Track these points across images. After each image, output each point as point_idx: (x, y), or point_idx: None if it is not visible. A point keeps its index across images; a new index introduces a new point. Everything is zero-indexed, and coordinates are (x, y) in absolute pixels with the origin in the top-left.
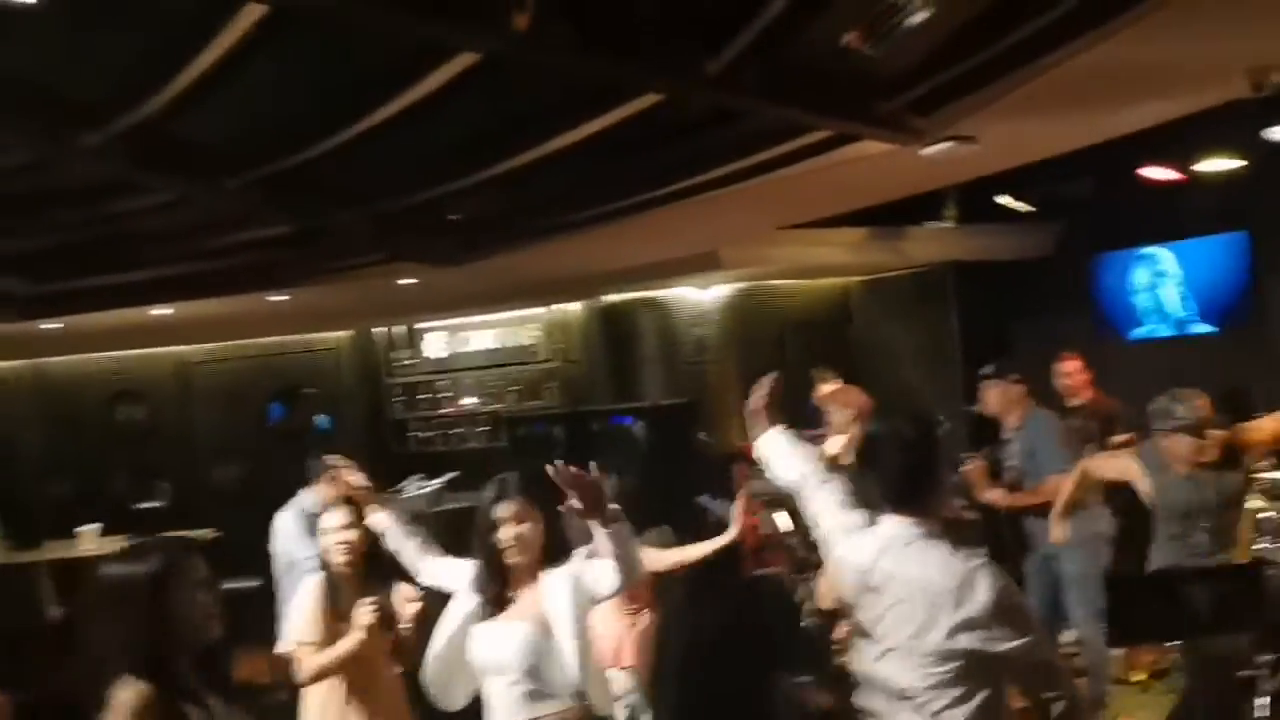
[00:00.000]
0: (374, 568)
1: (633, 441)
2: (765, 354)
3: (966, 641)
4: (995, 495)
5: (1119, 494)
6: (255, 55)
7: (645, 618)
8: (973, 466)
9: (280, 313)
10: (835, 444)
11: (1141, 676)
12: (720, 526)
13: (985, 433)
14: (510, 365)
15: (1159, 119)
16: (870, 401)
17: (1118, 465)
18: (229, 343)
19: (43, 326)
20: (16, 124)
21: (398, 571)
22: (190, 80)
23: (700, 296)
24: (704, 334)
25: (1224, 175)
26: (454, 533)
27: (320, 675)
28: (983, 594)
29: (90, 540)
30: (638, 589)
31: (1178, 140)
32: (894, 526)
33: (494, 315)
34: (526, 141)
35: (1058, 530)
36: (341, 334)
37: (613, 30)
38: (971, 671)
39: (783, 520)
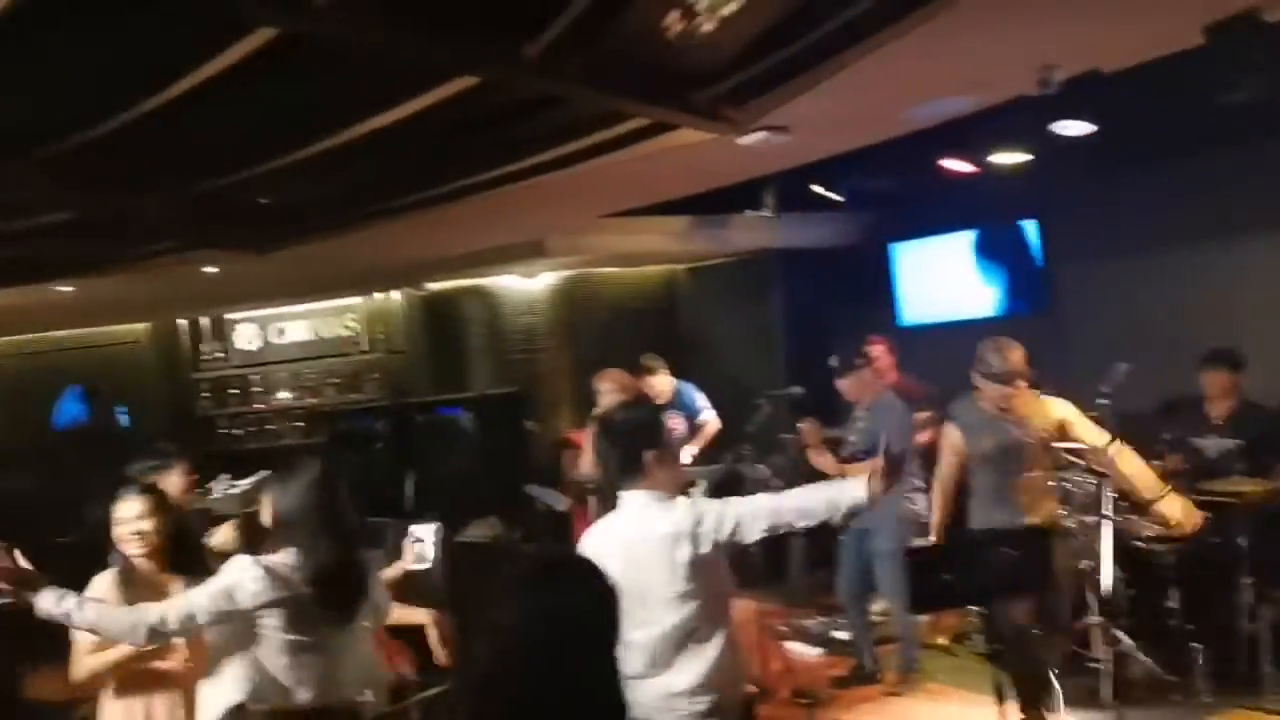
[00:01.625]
0: (178, 561)
1: (460, 433)
2: (594, 342)
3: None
4: (825, 461)
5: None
6: (35, 26)
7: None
8: (807, 426)
9: (68, 305)
10: None
11: (945, 640)
12: (550, 515)
13: (806, 415)
14: (328, 357)
15: (956, 113)
16: (635, 383)
17: (950, 440)
18: (10, 338)
19: None
20: None
21: (203, 564)
22: None
23: (527, 285)
24: (531, 323)
25: (1016, 167)
26: (261, 532)
27: (96, 679)
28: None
29: None
30: None
31: (974, 134)
32: (633, 499)
33: (310, 305)
34: (339, 124)
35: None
36: (141, 326)
37: (427, 9)
38: (697, 616)
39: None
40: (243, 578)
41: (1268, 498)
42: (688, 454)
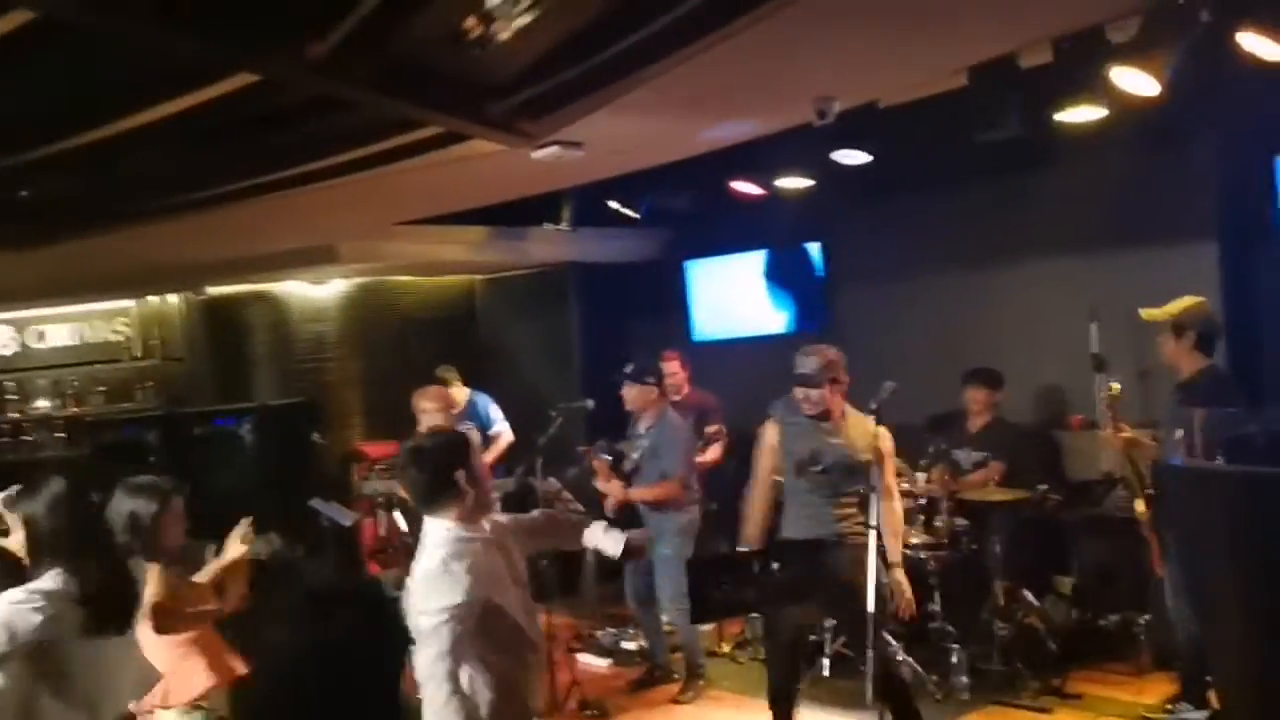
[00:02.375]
0: None
1: (240, 445)
2: (387, 352)
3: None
4: (614, 487)
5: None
6: None
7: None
8: (598, 462)
9: None
10: None
11: (728, 648)
12: (333, 530)
13: (598, 427)
14: (95, 363)
15: (742, 137)
16: (450, 398)
17: (767, 437)
18: None
19: None
20: None
21: None
22: None
23: (317, 291)
24: (321, 331)
25: (801, 191)
26: None
27: None
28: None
29: None
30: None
31: (763, 158)
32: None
33: (75, 307)
34: (111, 114)
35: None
36: None
37: (205, 2)
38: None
39: (400, 520)
40: (19, 610)
41: (1018, 505)
42: None
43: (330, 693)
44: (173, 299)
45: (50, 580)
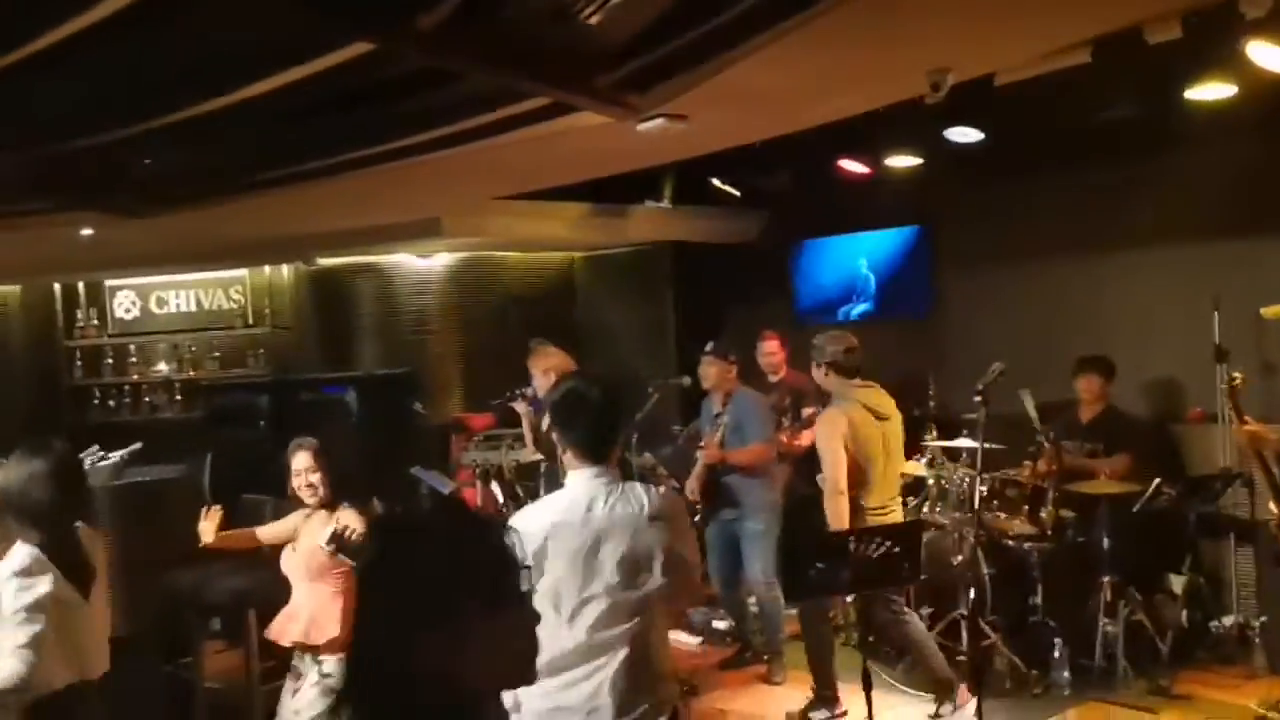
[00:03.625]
0: None
1: (345, 412)
2: (487, 325)
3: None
4: (709, 453)
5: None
6: None
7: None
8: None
9: None
10: None
11: None
12: (433, 497)
13: (694, 404)
14: (211, 330)
15: (848, 112)
16: (570, 364)
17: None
18: None
19: None
20: None
21: None
22: None
23: (421, 264)
24: (424, 303)
25: (908, 171)
26: (131, 508)
27: None
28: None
29: None
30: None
31: (871, 136)
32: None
33: (193, 275)
34: (224, 86)
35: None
36: (10, 288)
37: None
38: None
39: (497, 490)
40: (36, 583)
41: (1129, 499)
42: None
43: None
44: (284, 269)
45: (28, 551)
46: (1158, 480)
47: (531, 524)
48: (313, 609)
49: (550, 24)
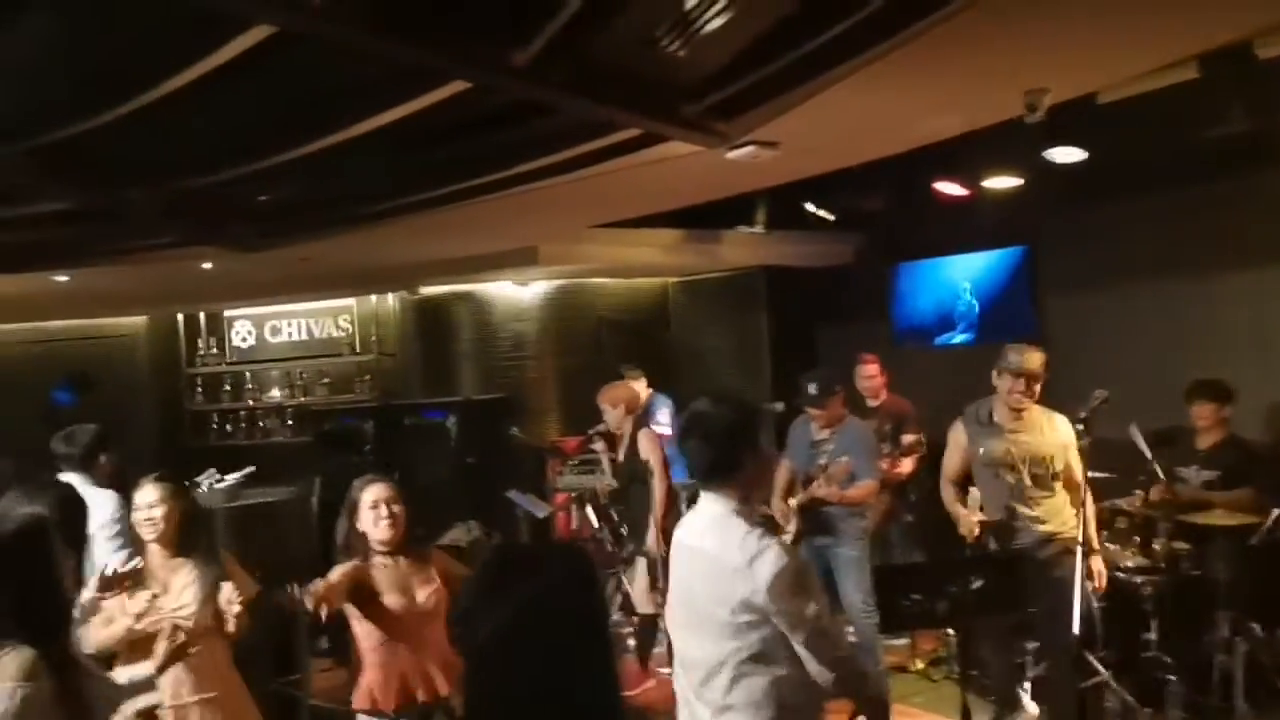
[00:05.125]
0: (187, 543)
1: (444, 436)
2: (582, 351)
3: (750, 615)
4: (820, 490)
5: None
6: (30, 13)
7: None
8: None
9: (66, 294)
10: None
11: (921, 664)
12: (529, 521)
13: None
14: (321, 357)
15: (945, 134)
16: (637, 396)
17: (954, 440)
18: (9, 326)
19: None
20: None
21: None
22: None
23: (519, 292)
24: (521, 330)
25: (1008, 192)
26: (246, 528)
27: (101, 649)
28: (765, 571)
29: None
30: None
31: (968, 157)
32: (709, 503)
33: (305, 305)
34: (333, 124)
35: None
36: (138, 319)
37: (418, 12)
38: (761, 646)
39: (592, 515)
40: None
41: (1247, 530)
42: None
43: (538, 654)
44: (389, 298)
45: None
46: (1278, 511)
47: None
48: (441, 656)
49: (638, 55)
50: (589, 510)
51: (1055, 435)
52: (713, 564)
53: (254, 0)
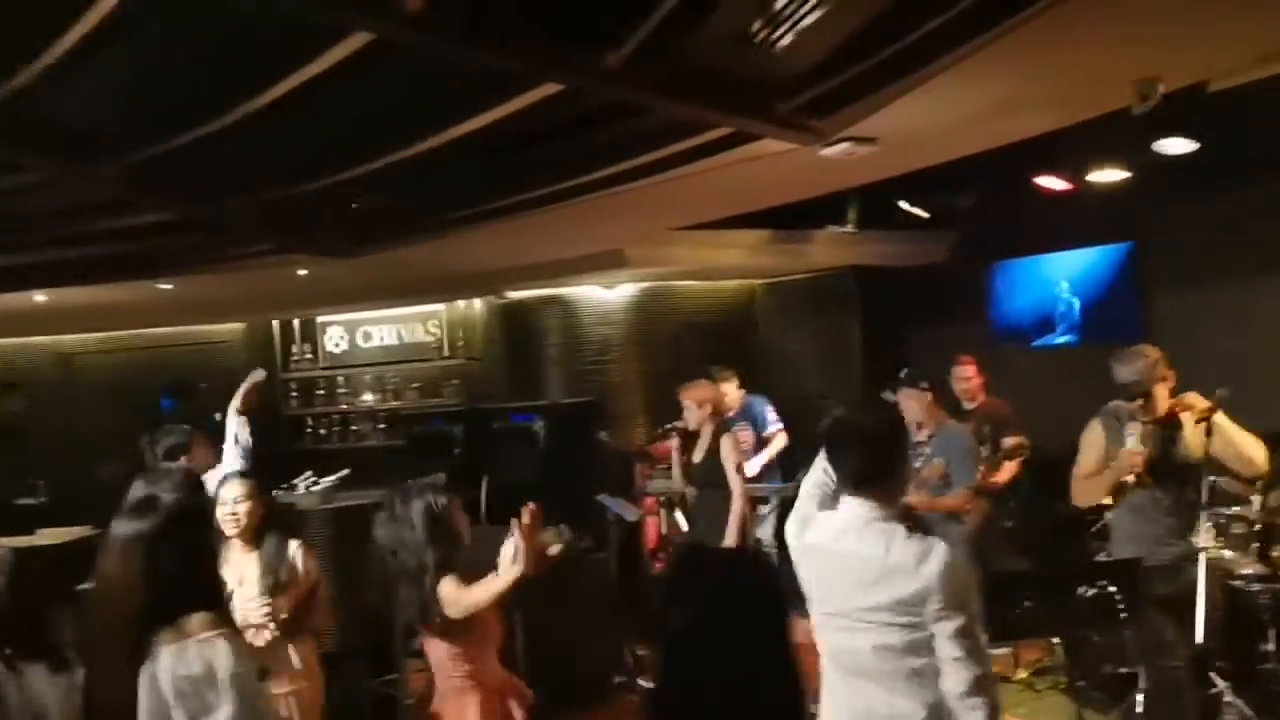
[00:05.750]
0: (262, 539)
1: (532, 439)
2: (668, 354)
3: (905, 616)
4: (913, 498)
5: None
6: (129, 31)
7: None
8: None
9: (169, 301)
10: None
11: (1024, 674)
12: (619, 524)
13: None
14: (411, 361)
15: (1049, 126)
16: (721, 396)
17: (1090, 439)
18: (114, 333)
19: None
20: None
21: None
22: (61, 54)
23: (605, 295)
24: (607, 333)
25: (1113, 186)
26: (341, 530)
27: None
28: (933, 568)
29: None
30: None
31: (1071, 150)
32: (854, 508)
33: (395, 310)
34: (426, 129)
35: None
36: (236, 325)
37: (510, 17)
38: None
39: (681, 519)
40: None
41: None
42: (755, 467)
43: (725, 654)
44: (476, 303)
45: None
46: None
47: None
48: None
49: (730, 54)
50: (678, 514)
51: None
52: (863, 564)
53: (349, 10)
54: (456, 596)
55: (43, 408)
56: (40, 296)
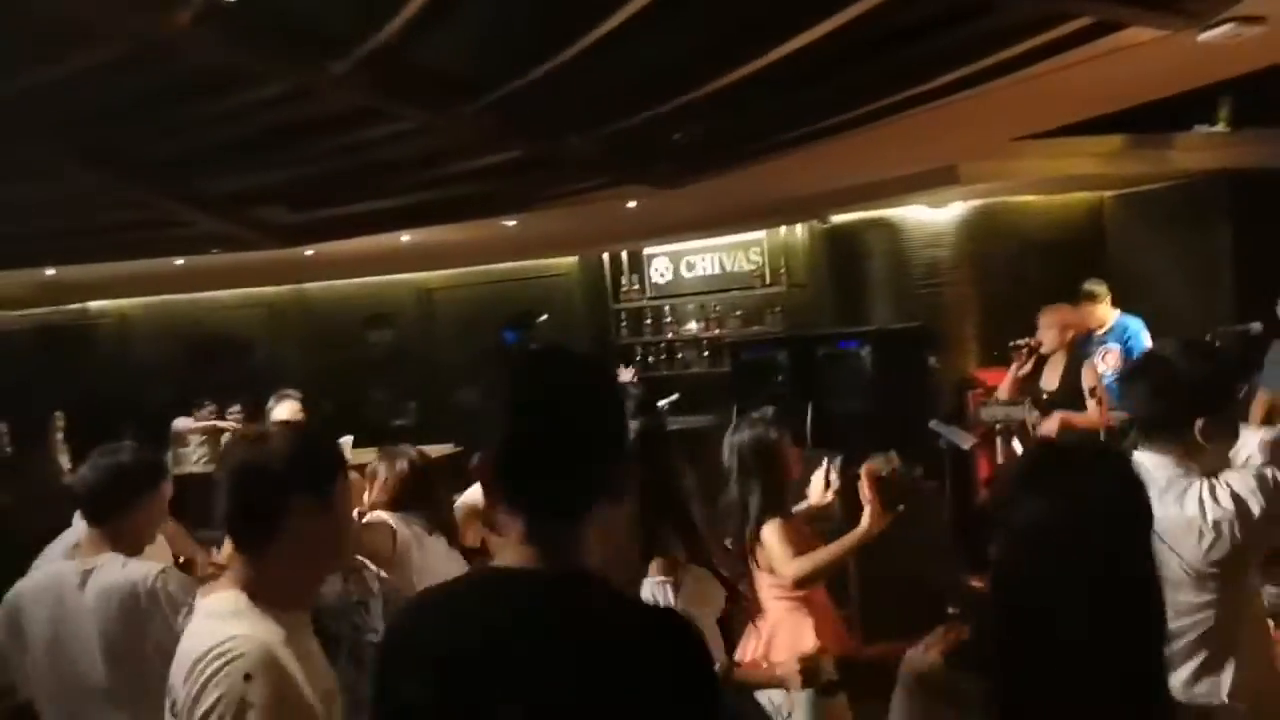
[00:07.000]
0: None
1: (858, 366)
2: (1004, 276)
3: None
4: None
5: None
6: None
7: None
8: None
9: (513, 238)
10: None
11: None
12: (952, 452)
13: (1257, 357)
14: (733, 290)
15: None
16: (1084, 322)
17: None
18: (466, 269)
19: (307, 253)
20: (270, 56)
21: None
22: (419, 5)
23: (933, 215)
24: (937, 255)
25: None
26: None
27: None
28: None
29: (344, 452)
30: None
31: None
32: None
33: (717, 239)
34: (749, 52)
35: None
36: (571, 259)
37: None
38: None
39: (1018, 449)
40: None
41: None
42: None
43: (1080, 556)
44: (798, 229)
45: None
46: None
47: None
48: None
49: None
50: (1015, 443)
51: None
52: (1172, 523)
53: None
54: (799, 564)
55: (408, 339)
56: (405, 236)
